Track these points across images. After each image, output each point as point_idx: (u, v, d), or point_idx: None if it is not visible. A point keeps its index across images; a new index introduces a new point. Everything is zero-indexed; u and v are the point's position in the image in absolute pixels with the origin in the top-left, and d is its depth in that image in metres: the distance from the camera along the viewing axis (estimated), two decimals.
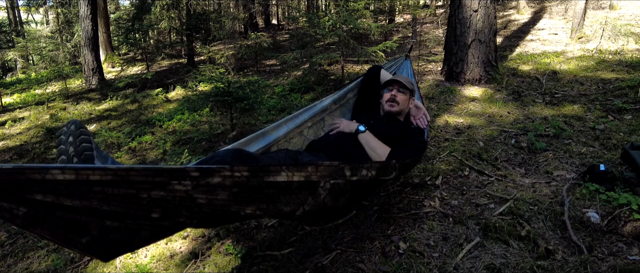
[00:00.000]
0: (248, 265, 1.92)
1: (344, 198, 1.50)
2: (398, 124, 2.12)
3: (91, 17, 7.78)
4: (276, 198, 1.24)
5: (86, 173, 0.85)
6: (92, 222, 0.97)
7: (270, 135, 2.12)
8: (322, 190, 1.34)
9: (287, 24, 14.90)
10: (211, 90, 3.94)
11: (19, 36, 14.04)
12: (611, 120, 3.23)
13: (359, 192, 1.61)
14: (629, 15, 7.45)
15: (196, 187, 1.02)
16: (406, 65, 2.87)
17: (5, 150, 4.80)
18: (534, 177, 2.50)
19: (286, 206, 1.29)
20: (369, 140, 1.90)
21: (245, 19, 9.73)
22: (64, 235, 0.95)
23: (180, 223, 1.13)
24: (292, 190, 1.26)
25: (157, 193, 0.97)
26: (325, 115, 2.44)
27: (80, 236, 0.97)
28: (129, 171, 0.90)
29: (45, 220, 0.90)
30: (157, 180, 0.95)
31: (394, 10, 10.41)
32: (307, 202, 1.34)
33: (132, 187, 0.93)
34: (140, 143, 4.20)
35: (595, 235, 1.82)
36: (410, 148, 1.91)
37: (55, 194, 0.86)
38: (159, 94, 6.54)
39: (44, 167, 0.81)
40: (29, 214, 0.86)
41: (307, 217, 1.46)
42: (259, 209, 1.22)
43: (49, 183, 0.83)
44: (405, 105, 2.15)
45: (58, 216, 0.91)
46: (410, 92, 2.16)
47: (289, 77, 6.71)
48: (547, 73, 4.83)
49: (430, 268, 1.69)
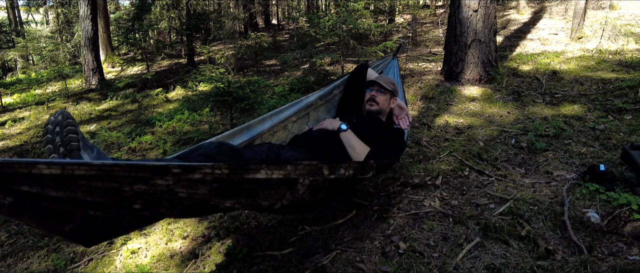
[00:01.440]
0: (248, 265, 1.92)
1: (322, 194, 1.55)
2: (379, 123, 2.18)
3: (91, 17, 7.78)
4: (255, 193, 1.28)
5: (72, 168, 0.88)
6: (75, 211, 1.00)
7: (254, 128, 2.14)
8: (301, 186, 1.38)
9: (287, 24, 14.90)
10: (211, 90, 3.95)
11: (19, 36, 14.04)
12: (611, 120, 3.23)
13: (337, 188, 1.67)
14: (629, 15, 7.45)
15: (177, 182, 1.05)
16: (393, 65, 2.91)
17: (5, 150, 4.80)
18: (534, 177, 2.50)
19: (265, 200, 1.33)
20: (350, 139, 1.96)
21: (245, 19, 9.73)
22: (48, 223, 0.98)
23: (161, 213, 1.17)
24: (271, 186, 1.29)
25: (139, 187, 1.01)
26: (310, 111, 2.47)
27: (63, 224, 1.01)
28: (113, 167, 0.93)
29: (30, 210, 0.93)
30: (139, 175, 0.98)
31: (394, 10, 10.41)
32: (286, 197, 1.38)
33: (116, 181, 0.97)
34: (140, 143, 4.20)
35: (595, 235, 1.82)
36: (388, 148, 1.97)
37: (41, 186, 0.89)
38: (159, 94, 6.54)
39: (31, 161, 0.83)
40: (15, 204, 0.89)
41: (285, 209, 1.50)
42: (238, 203, 1.26)
43: (35, 177, 0.86)
44: (385, 106, 2.20)
45: (43, 206, 0.94)
46: (391, 93, 2.21)
47: (289, 77, 6.71)
48: (547, 73, 4.83)
49: (430, 268, 1.69)
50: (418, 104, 4.17)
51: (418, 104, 4.16)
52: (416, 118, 3.76)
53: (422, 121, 3.63)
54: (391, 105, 2.25)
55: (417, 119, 3.73)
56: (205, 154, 1.54)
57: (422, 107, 4.07)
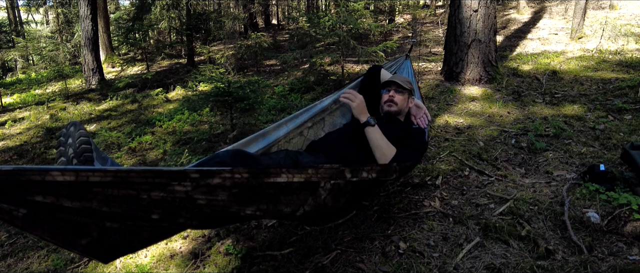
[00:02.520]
0: (248, 265, 1.92)
1: (344, 198, 1.49)
2: (399, 124, 2.11)
3: (91, 17, 7.78)
4: (276, 199, 1.24)
5: (86, 174, 0.86)
6: (92, 223, 0.97)
7: (270, 135, 2.12)
8: (323, 190, 1.34)
9: (287, 24, 14.90)
10: (211, 90, 3.94)
11: (19, 36, 14.03)
12: (611, 120, 3.23)
13: (359, 192, 1.60)
14: (629, 15, 7.45)
15: (196, 188, 1.02)
16: (406, 65, 2.87)
17: (5, 150, 4.80)
18: (534, 177, 2.50)
19: (286, 207, 1.29)
20: (376, 137, 1.82)
21: (245, 19, 9.73)
22: (64, 237, 0.95)
23: (180, 224, 1.14)
24: (293, 191, 1.26)
25: (157, 194, 0.97)
26: (325, 115, 2.43)
27: (80, 237, 0.97)
28: (129, 173, 0.90)
29: (45, 222, 0.90)
30: (157, 181, 0.95)
31: (394, 10, 10.41)
32: (308, 203, 1.33)
33: (132, 188, 0.94)
34: (140, 143, 4.20)
35: (595, 235, 1.82)
36: (411, 149, 1.89)
37: (55, 195, 0.86)
38: (159, 94, 6.54)
39: (44, 168, 0.81)
40: (29, 215, 0.86)
41: (308, 217, 1.45)
42: (260, 210, 1.22)
43: (49, 185, 0.83)
44: (404, 105, 2.14)
45: (58, 217, 0.91)
46: (409, 92, 2.15)
47: (289, 77, 6.71)
48: (547, 73, 4.83)
49: (430, 268, 1.69)
50: None
51: None
52: None
53: None
54: (409, 105, 2.17)
55: None
56: (222, 162, 1.51)
57: None
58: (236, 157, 1.55)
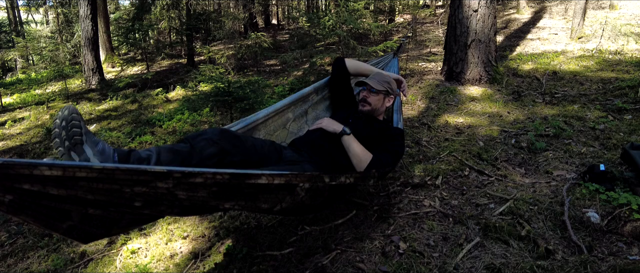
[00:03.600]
0: (248, 265, 1.92)
1: (322, 198, 1.55)
2: (376, 122, 2.13)
3: (91, 17, 7.78)
4: (255, 197, 1.29)
5: (73, 170, 0.89)
6: (74, 209, 1.02)
7: (249, 117, 2.12)
8: (301, 190, 1.38)
9: (287, 24, 14.90)
10: (211, 90, 3.95)
11: (19, 36, 14.04)
12: (611, 120, 3.23)
13: (337, 192, 1.65)
14: (629, 15, 7.45)
15: (177, 185, 1.07)
16: (393, 63, 2.90)
17: (5, 150, 4.80)
18: (534, 177, 2.50)
19: (264, 203, 1.33)
20: (352, 145, 1.87)
21: (245, 19, 9.73)
22: (45, 221, 1.00)
23: (161, 211, 1.19)
24: (271, 190, 1.30)
25: (139, 189, 1.02)
26: (308, 109, 2.45)
27: (61, 222, 1.03)
28: (114, 171, 0.94)
29: (29, 208, 0.94)
30: (141, 179, 1.00)
31: (394, 10, 10.41)
32: (285, 200, 1.38)
33: (116, 183, 0.98)
34: (140, 143, 4.20)
35: (595, 235, 1.82)
36: (389, 154, 1.90)
37: (42, 185, 0.90)
38: (159, 94, 6.54)
39: (33, 162, 0.84)
40: (14, 202, 0.90)
41: (285, 211, 1.51)
42: (238, 204, 1.27)
43: (36, 178, 0.87)
44: (378, 105, 2.15)
45: (43, 204, 0.95)
46: (385, 92, 2.15)
47: (289, 77, 6.71)
48: (547, 73, 4.83)
49: (430, 268, 1.69)
50: (418, 103, 4.17)
51: (418, 104, 4.16)
52: (416, 118, 3.76)
53: (422, 121, 3.63)
54: (386, 104, 2.19)
55: (417, 119, 3.73)
56: (210, 139, 1.56)
57: (422, 107, 4.07)
58: (222, 134, 1.60)
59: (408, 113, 3.92)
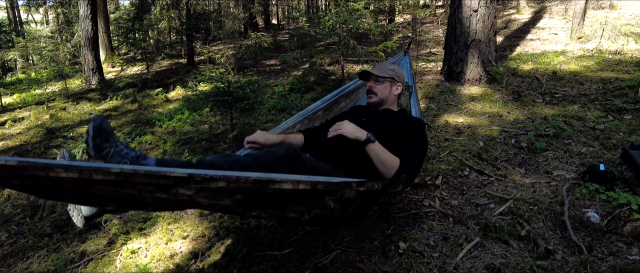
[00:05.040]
0: (248, 265, 1.92)
1: (353, 206, 1.44)
2: (392, 116, 1.98)
3: (91, 17, 7.77)
4: (282, 205, 1.22)
5: (89, 172, 0.85)
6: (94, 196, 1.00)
7: (281, 125, 2.20)
8: (329, 199, 1.30)
9: (287, 24, 14.90)
10: (211, 90, 3.94)
11: (19, 36, 14.03)
12: (611, 120, 3.23)
13: (367, 200, 1.55)
14: (629, 15, 7.46)
15: (200, 191, 1.01)
16: (405, 61, 2.87)
17: (5, 150, 4.80)
18: (534, 177, 2.50)
19: (292, 212, 1.27)
20: (378, 152, 1.69)
21: (245, 18, 9.73)
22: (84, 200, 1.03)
23: (185, 207, 1.18)
24: (299, 198, 1.23)
25: (160, 195, 0.97)
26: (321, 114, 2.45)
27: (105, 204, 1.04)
28: (132, 174, 0.89)
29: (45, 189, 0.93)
30: (161, 183, 0.94)
31: (394, 10, 10.41)
32: (314, 210, 1.30)
33: (135, 189, 0.93)
34: (140, 143, 4.20)
35: (595, 235, 1.82)
36: (415, 155, 1.77)
37: (58, 184, 0.89)
38: (159, 94, 6.54)
39: (48, 163, 0.81)
40: (28, 187, 0.91)
41: (314, 221, 1.43)
42: (264, 213, 1.21)
43: (52, 179, 0.84)
44: (385, 94, 2.00)
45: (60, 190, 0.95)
46: (391, 79, 2.01)
47: (289, 77, 6.71)
48: (547, 73, 4.83)
49: (430, 268, 1.69)
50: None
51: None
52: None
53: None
54: (394, 92, 2.03)
55: None
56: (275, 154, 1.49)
57: (422, 107, 4.07)
58: (288, 151, 1.52)
59: None
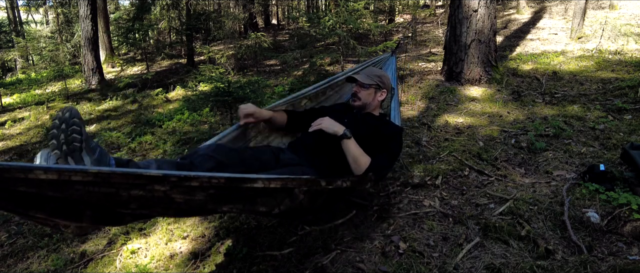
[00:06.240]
0: (248, 265, 1.92)
1: (321, 200, 1.54)
2: (372, 119, 2.09)
3: (91, 17, 7.77)
4: (253, 200, 1.29)
5: (69, 174, 0.90)
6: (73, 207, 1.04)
7: None
8: (299, 192, 1.38)
9: (287, 24, 14.90)
10: (211, 90, 3.94)
11: (19, 36, 14.03)
12: (611, 120, 3.23)
13: (335, 195, 1.65)
14: (629, 15, 7.46)
15: (174, 187, 1.07)
16: (391, 62, 2.88)
17: (5, 150, 4.80)
18: (534, 177, 2.50)
19: (263, 206, 1.33)
20: (351, 148, 1.81)
21: (245, 19, 9.73)
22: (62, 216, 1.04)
23: (156, 212, 1.21)
24: (269, 193, 1.30)
25: (136, 193, 1.03)
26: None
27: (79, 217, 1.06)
28: (110, 175, 0.95)
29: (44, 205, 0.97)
30: (137, 183, 1.01)
31: (394, 10, 10.41)
32: (284, 203, 1.37)
33: (113, 187, 0.99)
34: (140, 143, 4.20)
35: (595, 235, 1.82)
36: (386, 156, 1.88)
37: (38, 188, 0.91)
38: (159, 94, 6.53)
39: (28, 166, 0.85)
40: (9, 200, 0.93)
41: (284, 215, 1.50)
42: (236, 208, 1.28)
43: (32, 181, 0.88)
44: (369, 99, 2.11)
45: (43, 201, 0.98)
46: (376, 86, 2.12)
47: (289, 77, 6.71)
48: (547, 73, 4.83)
49: (430, 268, 1.69)
50: (418, 104, 4.17)
51: (418, 104, 4.16)
52: (416, 118, 3.76)
53: (422, 121, 3.63)
54: (378, 99, 2.15)
55: (417, 118, 3.73)
56: (205, 154, 1.57)
57: (422, 107, 4.07)
58: (218, 149, 1.61)
59: (408, 113, 3.92)
